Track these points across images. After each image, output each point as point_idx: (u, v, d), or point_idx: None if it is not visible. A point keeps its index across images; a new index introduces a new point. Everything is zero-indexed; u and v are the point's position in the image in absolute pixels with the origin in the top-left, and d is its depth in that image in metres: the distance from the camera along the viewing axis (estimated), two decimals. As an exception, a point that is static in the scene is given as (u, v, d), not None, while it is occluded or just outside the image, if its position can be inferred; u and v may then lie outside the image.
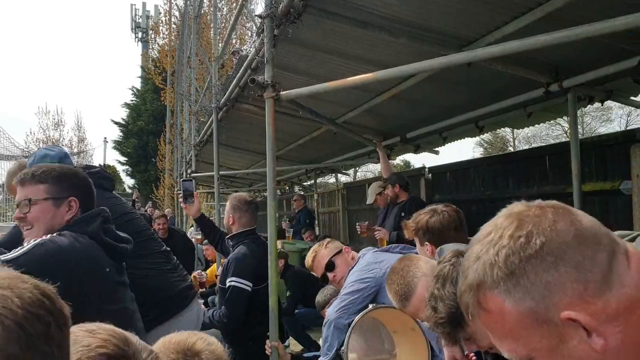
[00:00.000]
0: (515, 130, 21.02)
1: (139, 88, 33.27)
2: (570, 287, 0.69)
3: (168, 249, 2.67)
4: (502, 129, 5.87)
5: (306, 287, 5.78)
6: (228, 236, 3.74)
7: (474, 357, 1.91)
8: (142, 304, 2.36)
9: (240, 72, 4.80)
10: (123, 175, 36.33)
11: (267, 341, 3.23)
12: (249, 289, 3.40)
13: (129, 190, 33.81)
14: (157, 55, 24.11)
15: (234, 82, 5.22)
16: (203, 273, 5.75)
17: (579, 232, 0.71)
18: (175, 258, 2.67)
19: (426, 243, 2.41)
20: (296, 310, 5.90)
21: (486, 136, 28.49)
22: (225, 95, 5.76)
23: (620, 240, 0.75)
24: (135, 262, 2.44)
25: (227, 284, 3.41)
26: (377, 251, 3.07)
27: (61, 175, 1.83)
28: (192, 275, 3.72)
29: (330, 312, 2.83)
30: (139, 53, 36.66)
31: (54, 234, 1.71)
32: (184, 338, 1.35)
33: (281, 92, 3.40)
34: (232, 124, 6.95)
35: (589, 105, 4.64)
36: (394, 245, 3.19)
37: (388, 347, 2.77)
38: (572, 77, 3.80)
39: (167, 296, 2.56)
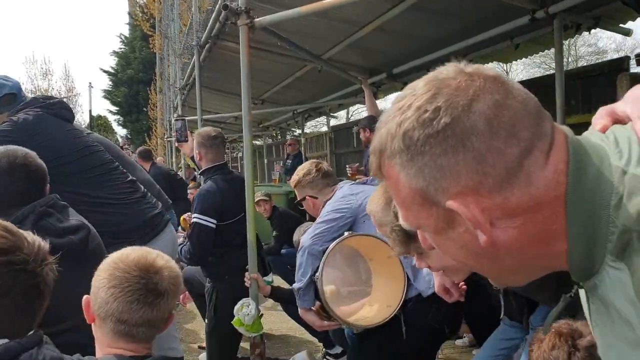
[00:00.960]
0: (507, 68, 20.68)
1: (127, 36, 32.53)
2: (465, 176, 0.64)
3: (134, 178, 2.60)
4: (492, 62, 5.71)
5: (292, 227, 5.78)
6: (199, 172, 3.69)
7: (464, 286, 1.88)
8: (112, 234, 2.32)
9: (218, 5, 4.62)
10: (115, 125, 36.03)
11: (246, 274, 3.22)
12: (212, 225, 3.33)
13: (120, 141, 33.59)
14: (144, 0, 23.45)
15: (213, 15, 5.03)
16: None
17: (494, 119, 0.63)
18: (142, 187, 2.61)
19: None
20: (282, 250, 5.94)
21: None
22: (206, 32, 5.58)
23: (552, 132, 0.67)
24: (99, 193, 2.39)
25: (191, 221, 3.37)
26: (354, 184, 3.03)
27: None
28: (181, 218, 3.70)
29: (304, 239, 2.80)
30: (126, -1, 35.60)
31: None
32: (143, 254, 1.30)
33: (255, 20, 3.27)
34: (216, 65, 6.79)
35: (576, 36, 4.51)
36: (371, 178, 3.14)
37: (364, 277, 2.76)
38: (559, 2, 3.67)
39: (137, 225, 2.51)
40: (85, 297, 1.30)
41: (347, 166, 6.73)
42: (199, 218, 3.27)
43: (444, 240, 0.71)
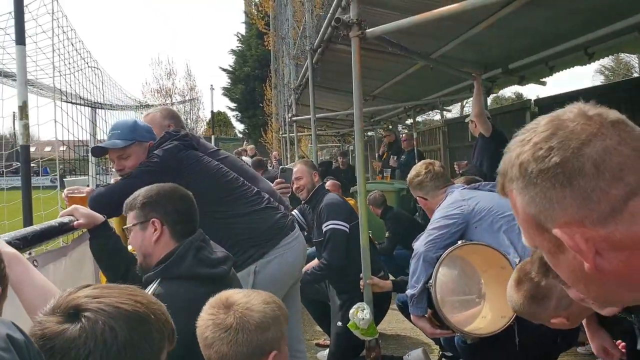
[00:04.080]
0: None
1: (244, 34, 34.01)
2: (570, 209, 0.71)
3: (258, 189, 2.80)
4: (618, 53, 5.32)
5: (405, 228, 5.81)
6: (304, 201, 3.98)
7: (622, 344, 1.87)
8: (250, 240, 2.56)
9: (331, 11, 4.75)
10: (233, 121, 37.92)
11: (361, 280, 3.34)
12: (346, 229, 3.58)
13: (239, 135, 35.26)
14: (259, -2, 24.32)
15: (325, 22, 5.18)
16: None
17: (601, 163, 0.70)
18: (266, 195, 2.79)
19: None
20: (395, 251, 5.97)
21: (607, 62, 26.10)
22: (319, 37, 5.75)
23: None
24: (235, 207, 2.62)
25: (324, 229, 3.55)
26: (465, 188, 3.01)
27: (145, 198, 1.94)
28: None
29: (418, 246, 2.84)
30: (242, -2, 37.13)
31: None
32: (224, 295, 1.51)
33: (367, 30, 3.34)
34: (328, 66, 6.94)
35: None
36: (484, 182, 3.11)
37: (476, 289, 2.75)
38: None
39: (267, 227, 2.66)
40: None
41: (454, 163, 6.61)
42: (333, 224, 3.45)
43: (558, 262, 0.78)
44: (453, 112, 12.08)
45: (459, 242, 2.63)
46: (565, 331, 2.49)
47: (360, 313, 3.19)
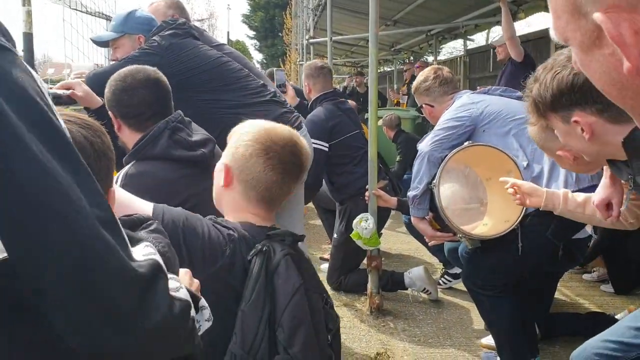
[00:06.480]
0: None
1: (266, -42, 32.86)
2: None
3: (264, 82, 2.70)
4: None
5: (416, 152, 5.70)
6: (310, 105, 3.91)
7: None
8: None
9: None
10: (252, 50, 37.29)
11: (367, 192, 3.28)
12: (325, 148, 3.55)
13: (257, 65, 34.79)
14: None
15: None
16: None
17: None
18: (272, 89, 2.70)
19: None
20: (405, 175, 5.91)
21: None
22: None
23: None
24: (236, 96, 2.53)
25: None
26: (473, 93, 2.88)
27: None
28: None
29: (423, 146, 2.75)
30: None
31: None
32: (290, 132, 1.44)
33: None
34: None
35: None
36: (493, 87, 2.97)
37: (479, 196, 2.66)
38: None
39: (272, 119, 2.59)
40: (223, 163, 1.42)
41: (477, 87, 6.40)
42: (313, 143, 3.39)
43: (590, 60, 0.61)
44: (476, 42, 11.55)
45: (466, 143, 2.52)
46: (569, 242, 2.43)
47: (364, 222, 3.14)
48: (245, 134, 1.41)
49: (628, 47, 0.54)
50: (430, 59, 11.80)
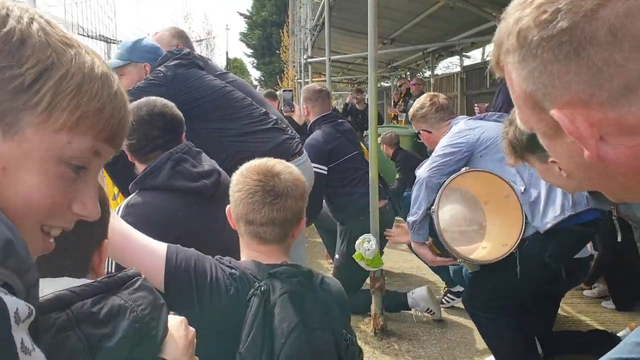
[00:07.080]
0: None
1: (262, -23, 33.21)
2: (575, 87, 0.58)
3: (266, 110, 2.75)
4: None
5: (415, 170, 5.76)
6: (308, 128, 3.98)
7: None
8: (250, 159, 2.52)
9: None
10: (249, 67, 37.53)
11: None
12: (324, 172, 3.62)
13: (255, 83, 35.01)
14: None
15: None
16: None
17: (620, 29, 0.55)
18: (274, 117, 2.75)
19: None
20: (404, 193, 5.96)
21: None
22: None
23: None
24: (238, 124, 2.58)
25: None
26: (470, 119, 2.96)
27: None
28: None
29: (421, 172, 2.81)
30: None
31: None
32: (264, 162, 1.44)
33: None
34: (346, 4, 6.76)
35: None
36: (489, 113, 3.05)
37: (478, 220, 2.71)
38: None
39: (272, 147, 2.61)
40: (228, 206, 1.46)
41: (475, 105, 6.48)
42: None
43: (555, 146, 0.67)
44: (472, 59, 11.72)
45: (463, 169, 2.58)
46: (568, 257, 2.47)
47: (367, 243, 3.19)
48: (232, 181, 1.46)
49: (585, 139, 0.60)
50: (427, 74, 11.93)
